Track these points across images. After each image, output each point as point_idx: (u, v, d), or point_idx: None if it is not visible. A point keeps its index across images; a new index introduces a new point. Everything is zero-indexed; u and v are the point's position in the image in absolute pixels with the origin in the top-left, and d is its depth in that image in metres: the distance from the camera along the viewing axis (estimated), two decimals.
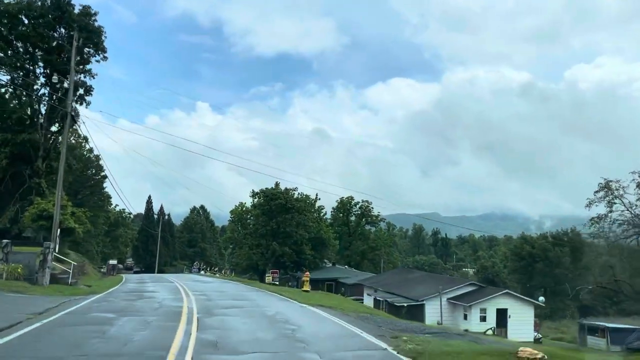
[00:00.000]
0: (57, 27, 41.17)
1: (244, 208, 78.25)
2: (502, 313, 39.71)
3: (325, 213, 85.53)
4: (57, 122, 42.37)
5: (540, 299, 43.89)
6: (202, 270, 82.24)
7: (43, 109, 42.75)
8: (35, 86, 42.50)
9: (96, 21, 41.23)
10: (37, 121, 41.88)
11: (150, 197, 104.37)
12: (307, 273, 29.90)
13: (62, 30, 41.31)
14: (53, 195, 31.90)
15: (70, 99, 31.32)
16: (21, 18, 40.05)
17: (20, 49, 41.24)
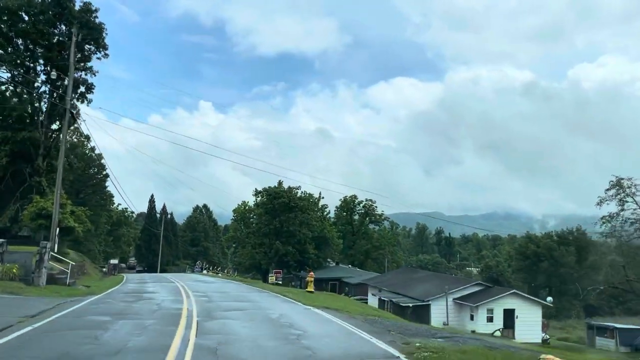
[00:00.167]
0: (58, 24, 40.75)
1: (247, 207, 77.64)
2: (510, 313, 39.06)
3: (328, 212, 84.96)
4: (58, 120, 41.91)
5: (548, 299, 43.16)
6: (205, 269, 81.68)
7: (44, 107, 42.38)
8: (35, 84, 42.17)
9: (97, 18, 40.78)
10: (38, 119, 41.48)
11: (152, 196, 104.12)
12: (312, 273, 29.19)
13: (63, 27, 40.85)
14: (54, 193, 31.43)
15: (69, 96, 30.74)
16: (21, 15, 39.68)
17: (20, 46, 40.87)
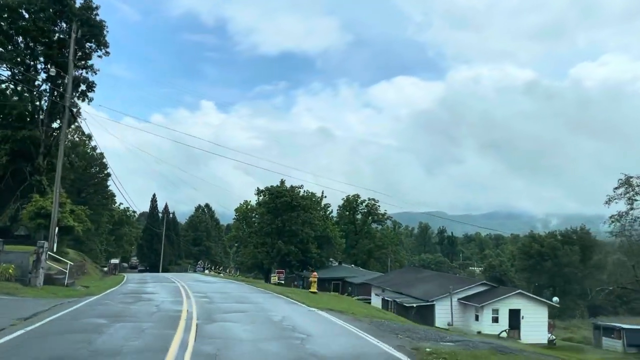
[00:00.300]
0: (58, 22, 40.44)
1: (249, 206, 77.19)
2: (515, 314, 38.54)
3: (331, 211, 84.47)
4: (59, 119, 41.56)
5: (554, 299, 42.62)
6: (207, 269, 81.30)
7: (44, 105, 42.06)
8: (36, 82, 41.81)
9: (97, 15, 40.39)
10: (38, 117, 41.16)
11: (154, 196, 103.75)
12: (315, 274, 28.67)
13: (64, 24, 40.52)
14: (54, 192, 31.06)
15: (69, 94, 30.30)
16: (21, 12, 39.36)
17: (20, 44, 40.57)
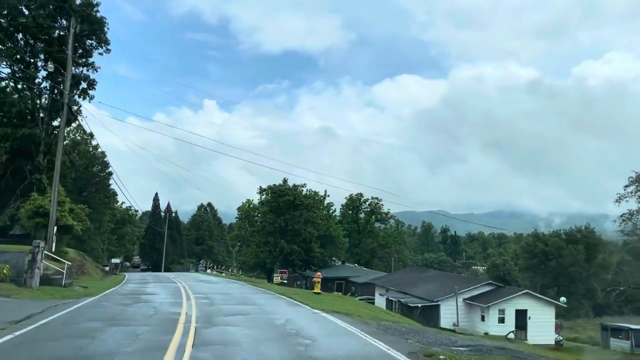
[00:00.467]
0: (58, 19, 40.05)
1: (252, 205, 76.62)
2: (522, 314, 37.91)
3: (334, 210, 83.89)
4: (59, 117, 41.15)
5: (561, 299, 41.98)
6: (209, 268, 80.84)
7: (45, 103, 41.66)
8: (36, 79, 41.40)
9: (98, 12, 40.04)
10: (38, 115, 40.77)
11: (157, 195, 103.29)
12: (319, 274, 28.06)
13: (64, 21, 40.10)
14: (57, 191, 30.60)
15: (67, 90, 29.79)
16: (21, 9, 38.99)
17: (20, 41, 40.21)
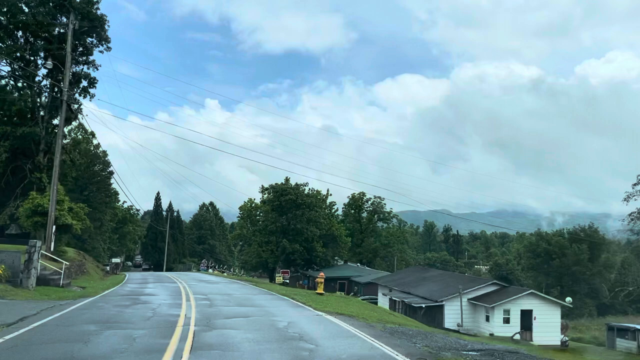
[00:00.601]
0: (58, 16, 39.72)
1: (253, 204, 76.15)
2: (527, 314, 37.45)
3: (336, 209, 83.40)
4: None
5: (567, 300, 41.47)
6: (210, 268, 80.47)
7: (45, 102, 41.34)
8: (36, 78, 41.12)
9: (98, 9, 39.62)
10: (38, 114, 40.45)
11: (158, 194, 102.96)
12: (322, 274, 27.53)
13: (64, 19, 39.78)
14: (57, 190, 30.23)
15: (65, 87, 29.40)
16: (21, 6, 38.68)
17: (20, 39, 39.90)
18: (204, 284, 31.28)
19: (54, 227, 27.93)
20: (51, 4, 38.49)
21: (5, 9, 38.14)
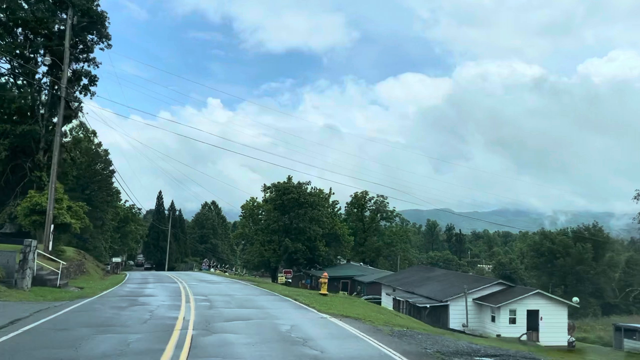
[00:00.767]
0: (58, 12, 39.28)
1: (256, 203, 75.63)
2: (533, 315, 36.91)
3: (339, 208, 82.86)
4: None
5: (574, 300, 40.86)
6: (212, 267, 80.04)
7: (45, 99, 40.91)
8: (36, 75, 40.69)
9: (99, 6, 39.16)
10: (38, 112, 40.02)
11: (160, 193, 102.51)
12: (325, 274, 26.95)
13: (64, 15, 39.33)
14: (56, 189, 29.74)
15: (64, 82, 28.87)
16: (20, 3, 38.27)
17: (19, 36, 39.49)
18: (205, 284, 30.72)
19: (52, 226, 27.44)
20: (50, 0, 38.03)
21: (4, 6, 37.70)
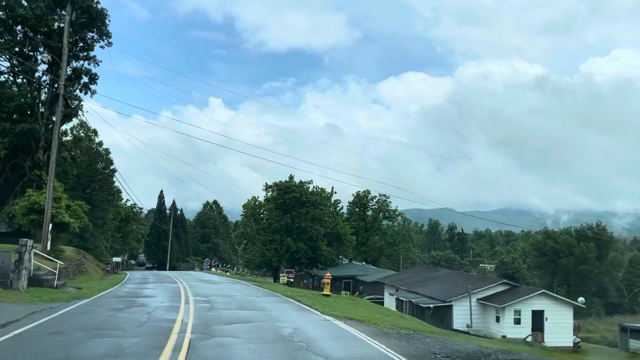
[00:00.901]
0: (58, 10, 38.95)
1: (257, 202, 75.20)
2: (538, 315, 36.46)
3: (341, 207, 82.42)
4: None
5: (579, 300, 40.40)
6: (214, 267, 79.67)
7: (45, 98, 40.60)
8: (36, 73, 40.35)
9: (99, 4, 38.83)
10: (38, 110, 39.71)
11: (162, 192, 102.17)
12: (328, 274, 26.48)
13: (63, 12, 38.99)
14: (55, 188, 29.38)
15: (62, 79, 28.49)
16: (20, 0, 37.97)
17: (19, 34, 39.18)
18: (206, 285, 30.29)
19: (51, 226, 27.04)
20: None
21: (3, 3, 37.42)
